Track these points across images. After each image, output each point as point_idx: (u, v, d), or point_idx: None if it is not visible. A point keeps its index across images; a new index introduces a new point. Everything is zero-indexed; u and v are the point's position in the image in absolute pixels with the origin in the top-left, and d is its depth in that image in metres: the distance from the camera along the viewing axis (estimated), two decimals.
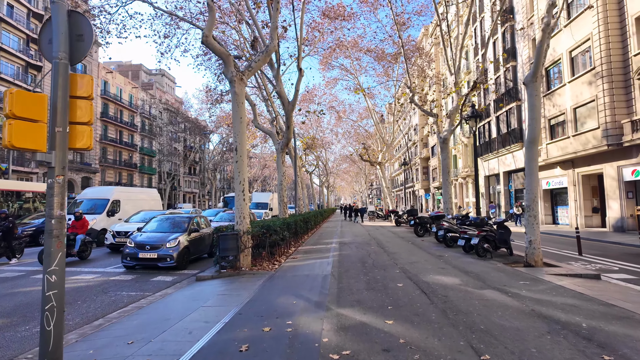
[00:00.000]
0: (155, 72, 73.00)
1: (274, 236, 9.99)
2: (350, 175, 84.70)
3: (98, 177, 49.17)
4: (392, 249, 12.58)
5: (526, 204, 9.15)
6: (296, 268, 9.30)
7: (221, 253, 8.59)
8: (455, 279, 7.46)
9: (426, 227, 16.77)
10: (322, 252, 12.22)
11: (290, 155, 24.24)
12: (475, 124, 12.96)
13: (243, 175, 9.27)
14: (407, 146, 41.86)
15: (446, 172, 15.99)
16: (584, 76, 19.10)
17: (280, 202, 16.09)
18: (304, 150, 33.37)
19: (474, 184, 38.31)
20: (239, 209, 9.18)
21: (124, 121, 55.26)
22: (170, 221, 11.03)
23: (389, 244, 13.93)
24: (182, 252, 9.86)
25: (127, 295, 7.20)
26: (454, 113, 15.76)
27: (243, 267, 9.01)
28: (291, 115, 15.21)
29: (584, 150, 19.10)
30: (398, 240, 15.25)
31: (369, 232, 20.41)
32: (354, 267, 9.03)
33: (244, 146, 9.32)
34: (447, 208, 15.87)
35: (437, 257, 10.56)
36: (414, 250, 12.02)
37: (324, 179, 57.62)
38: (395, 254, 11.18)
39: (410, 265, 9.11)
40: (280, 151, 16.28)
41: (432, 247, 12.70)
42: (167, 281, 8.55)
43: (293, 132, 17.89)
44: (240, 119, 9.29)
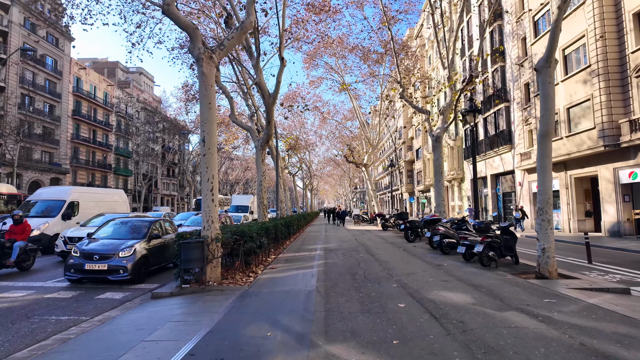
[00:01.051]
0: (132, 70, 70.24)
1: (249, 243, 8.56)
2: (334, 179, 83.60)
3: (69, 178, 46.50)
4: (383, 256, 11.29)
5: (539, 206, 7.99)
6: (275, 281, 7.88)
7: (183, 265, 7.10)
8: (465, 296, 6.19)
9: (417, 232, 15.59)
10: (305, 260, 10.83)
11: (271, 154, 22.81)
12: (473, 118, 11.86)
13: (212, 172, 7.82)
14: (394, 146, 40.84)
15: (439, 172, 14.87)
16: (579, 75, 18.37)
17: (259, 204, 14.64)
18: (287, 150, 31.96)
19: (459, 187, 37.61)
20: (207, 211, 7.72)
21: (98, 120, 52.69)
22: (128, 226, 9.45)
23: (379, 251, 12.64)
24: (139, 262, 8.31)
25: (55, 321, 5.64)
26: (447, 109, 14.68)
27: (210, 280, 7.54)
28: (272, 109, 13.82)
29: (579, 151, 18.34)
30: (388, 247, 13.99)
31: (355, 237, 19.12)
32: (343, 280, 7.68)
33: (213, 137, 7.87)
34: (441, 211, 14.73)
35: (435, 266, 9.31)
36: (408, 259, 10.75)
37: (308, 182, 56.24)
38: (387, 263, 9.89)
39: (408, 278, 7.81)
40: (260, 149, 14.85)
41: (427, 255, 11.47)
42: (116, 299, 7.00)
43: (274, 129, 16.50)
44: (209, 104, 7.85)
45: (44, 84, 43.15)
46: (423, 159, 48.90)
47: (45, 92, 42.95)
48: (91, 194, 16.23)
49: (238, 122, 15.52)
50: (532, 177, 23.78)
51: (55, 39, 45.51)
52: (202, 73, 7.84)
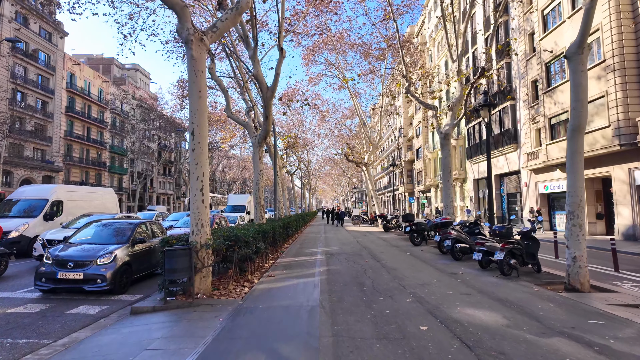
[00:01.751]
0: (128, 67, 69.11)
1: (244, 249, 7.65)
2: (332, 178, 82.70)
3: (62, 176, 45.42)
4: (390, 262, 10.40)
5: (569, 209, 7.12)
6: (272, 293, 6.97)
7: (168, 275, 6.19)
8: (495, 314, 5.31)
9: (423, 235, 14.71)
10: (305, 266, 9.93)
11: (269, 153, 21.91)
12: (488, 113, 10.98)
13: (202, 169, 6.91)
14: (397, 143, 40.01)
15: (447, 171, 14.00)
16: (592, 70, 17.53)
17: (256, 204, 13.74)
18: (285, 149, 31.05)
19: (461, 187, 36.79)
20: (196, 214, 6.81)
21: (93, 117, 51.59)
22: (111, 228, 8.51)
23: (384, 256, 11.75)
24: (120, 270, 7.38)
25: (9, 346, 4.70)
26: (456, 104, 13.80)
27: (199, 292, 6.64)
28: (270, 103, 12.92)
29: (591, 150, 17.50)
30: (393, 251, 13.11)
31: (356, 239, 18.24)
32: (350, 292, 6.78)
33: (203, 129, 6.96)
34: (450, 213, 13.86)
35: (449, 275, 8.43)
36: (418, 265, 9.87)
37: (306, 181, 55.34)
38: (396, 271, 9.00)
39: (423, 290, 6.93)
40: (257, 146, 13.94)
41: (438, 261, 10.59)
42: (90, 315, 6.08)
43: (272, 124, 15.62)
44: (199, 92, 6.93)
45: (36, 80, 42.04)
46: (424, 159, 48.09)
47: (38, 88, 41.85)
48: (77, 193, 15.24)
49: (234, 117, 14.60)
50: (539, 178, 22.97)
51: (48, 34, 44.40)
52: (192, 57, 6.93)
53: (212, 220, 13.36)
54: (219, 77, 14.60)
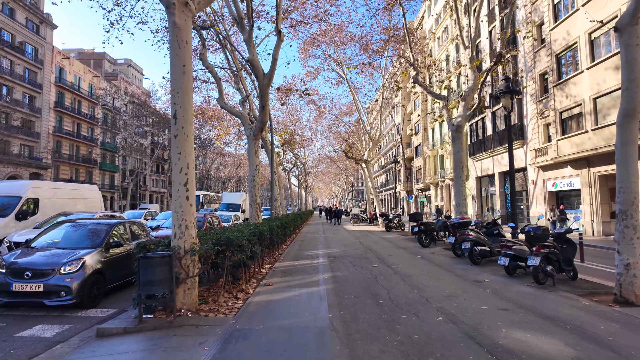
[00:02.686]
0: (120, 62, 67.46)
1: (237, 255, 6.49)
2: (329, 177, 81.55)
3: (50, 173, 43.94)
4: (402, 267, 9.29)
5: (620, 208, 6.05)
6: (271, 308, 5.83)
7: (143, 288, 5.02)
8: (554, 340, 4.21)
9: (432, 236, 13.63)
10: (307, 272, 8.79)
11: (265, 149, 20.73)
12: (510, 101, 9.89)
13: (186, 159, 5.75)
14: (401, 138, 39.16)
15: (459, 167, 12.91)
16: (609, 60, 16.53)
17: (252, 203, 12.57)
18: (282, 145, 29.85)
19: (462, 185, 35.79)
20: (179, 214, 5.65)
21: (83, 113, 50.07)
22: (83, 230, 7.32)
23: (393, 259, 10.64)
24: (90, 280, 6.21)
25: None
26: (469, 94, 12.71)
27: (184, 307, 5.49)
28: (267, 91, 11.73)
29: (607, 146, 16.50)
30: (402, 253, 12.00)
31: (359, 239, 17.13)
32: (364, 307, 5.66)
33: (188, 112, 5.79)
34: (462, 212, 12.77)
35: (474, 284, 7.33)
36: (434, 271, 8.76)
37: (302, 179, 54.18)
38: (412, 278, 7.89)
39: (451, 304, 5.82)
40: (253, 139, 12.77)
41: (455, 266, 9.49)
42: (45, 339, 4.90)
43: (269, 116, 14.45)
44: (183, 67, 5.76)
45: (23, 73, 40.50)
46: (423, 156, 47.11)
47: (25, 82, 40.32)
48: (55, 190, 13.94)
49: (227, 107, 13.41)
50: (548, 175, 21.98)
51: (35, 26, 42.84)
52: (174, 25, 5.75)
53: (202, 220, 12.19)
54: (212, 65, 13.40)
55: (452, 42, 34.81)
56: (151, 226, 13.87)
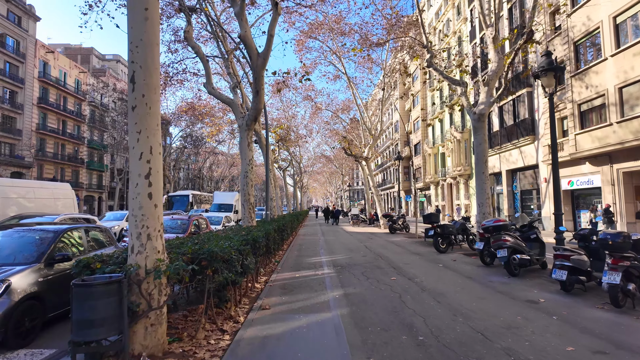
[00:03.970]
0: (109, 58, 65.18)
1: (224, 274, 4.80)
2: (324, 176, 79.92)
3: (34, 172, 41.83)
4: (426, 280, 7.65)
5: None
6: (270, 352, 4.15)
7: (78, 333, 3.34)
8: None
9: (450, 240, 12.01)
10: (312, 288, 7.12)
11: (260, 145, 19.06)
12: (555, 79, 8.31)
13: (149, 142, 4.05)
14: (407, 133, 37.95)
15: (482, 162, 11.31)
16: (637, 46, 15.07)
17: (244, 202, 10.87)
18: (277, 142, 28.15)
19: (466, 184, 34.37)
20: (138, 217, 3.96)
21: (69, 109, 47.95)
22: (19, 238, 5.58)
23: (411, 269, 9.00)
24: (18, 309, 4.48)
25: None
26: (493, 78, 11.13)
27: (145, 351, 3.82)
28: (262, 73, 10.06)
29: (636, 139, 15.04)
30: (418, 261, 10.37)
31: (363, 243, 15.49)
32: (400, 350, 4.01)
33: (152, 75, 4.10)
34: (485, 212, 11.17)
35: (530, 305, 5.72)
36: (468, 286, 7.13)
37: (298, 179, 52.47)
38: (446, 297, 6.26)
39: (520, 341, 4.18)
40: (246, 129, 11.07)
41: (490, 278, 7.87)
42: None
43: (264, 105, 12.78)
44: (145, 10, 4.07)
45: (4, 67, 38.36)
46: (423, 154, 45.67)
47: (5, 76, 38.21)
48: (14, 188, 12.08)
49: (216, 93, 11.69)
50: (563, 173, 20.45)
51: (17, 18, 40.70)
52: None
53: (187, 224, 10.49)
54: (198, 45, 11.69)
55: (454, 35, 33.31)
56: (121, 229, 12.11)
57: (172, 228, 10.14)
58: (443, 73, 12.30)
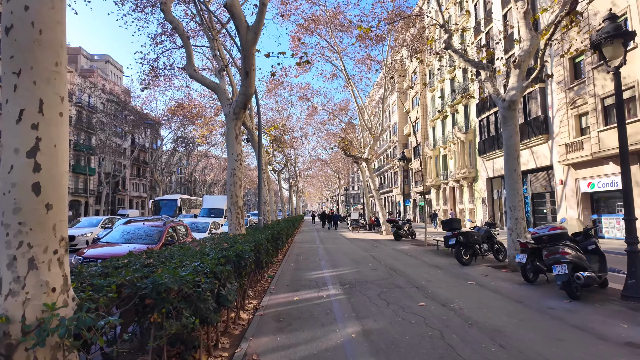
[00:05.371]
0: (98, 58, 63.07)
1: (181, 319, 2.98)
2: (319, 180, 78.01)
3: None
4: (467, 307, 5.85)
5: None
6: None
7: None
8: None
9: (474, 249, 10.24)
10: (317, 321, 5.30)
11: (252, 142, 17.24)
12: (623, 49, 6.60)
13: (41, 90, 2.25)
14: (414, 133, 36.62)
15: (513, 157, 9.58)
16: None
17: (231, 206, 9.01)
18: (271, 142, 26.33)
19: (470, 188, 32.75)
20: (12, 229, 2.15)
21: None
22: None
23: (438, 288, 7.20)
24: None
25: None
26: (526, 59, 9.44)
27: None
28: (252, 51, 8.28)
29: None
30: (442, 276, 8.57)
31: (368, 252, 13.68)
32: None
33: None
34: (518, 218, 9.42)
35: (632, 349, 3.96)
36: (528, 317, 5.34)
37: (293, 182, 50.60)
38: (506, 335, 4.46)
39: None
40: (234, 118, 9.25)
41: (544, 301, 6.10)
42: None
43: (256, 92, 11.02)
44: None
45: None
46: (423, 157, 44.03)
47: None
48: None
49: (198, 76, 9.88)
50: (582, 174, 18.90)
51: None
52: None
53: (161, 232, 8.63)
54: (177, 19, 9.88)
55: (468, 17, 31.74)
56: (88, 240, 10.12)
57: (140, 238, 8.27)
58: (463, 56, 10.59)
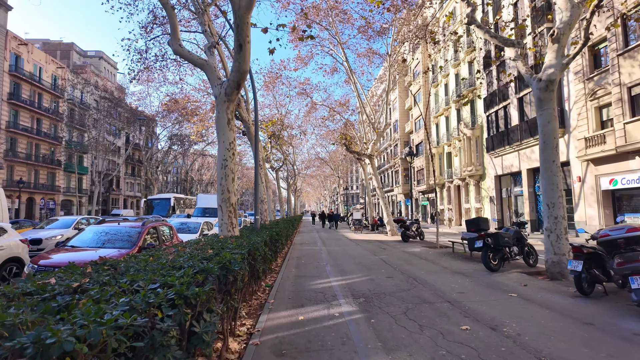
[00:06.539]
0: (91, 54, 61.50)
1: None
2: (317, 180, 76.66)
3: (3, 174, 38.04)
4: (527, 333, 4.47)
5: None
6: None
7: None
8: None
9: (503, 253, 8.89)
10: (332, 356, 3.93)
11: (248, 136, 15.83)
12: None
13: None
14: (425, 130, 35.42)
15: (551, 146, 8.22)
16: None
17: (222, 203, 7.63)
18: (269, 137, 24.95)
19: (477, 186, 31.43)
20: None
21: (44, 107, 44.21)
22: None
23: (480, 305, 5.84)
24: None
25: None
26: (566, 31, 8.10)
27: None
28: (246, 20, 6.91)
29: None
30: (472, 285, 7.21)
31: (377, 255, 12.31)
32: None
33: None
34: (558, 216, 8.04)
35: None
36: (610, 346, 3.99)
37: (291, 182, 49.21)
38: None
39: None
40: (225, 100, 7.86)
41: (620, 322, 4.75)
42: None
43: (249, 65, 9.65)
44: None
45: None
46: (425, 155, 42.70)
47: None
48: None
49: (184, 52, 8.50)
50: (603, 170, 17.61)
51: None
52: None
53: (139, 234, 7.22)
54: None
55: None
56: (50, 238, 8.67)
57: (113, 241, 6.86)
58: (489, 31, 9.24)
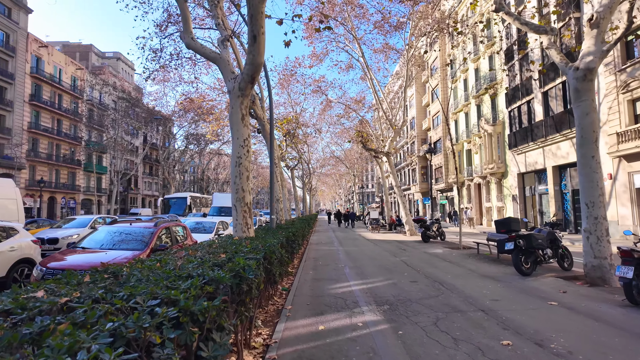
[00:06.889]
0: (109, 55, 62.49)
1: None
2: (332, 179, 76.17)
3: (25, 174, 38.83)
4: (581, 351, 3.95)
5: None
6: None
7: None
8: None
9: (536, 256, 8.27)
10: None
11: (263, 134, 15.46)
12: None
13: None
14: (447, 131, 34.69)
15: (590, 140, 7.56)
16: None
17: (236, 202, 7.26)
18: (284, 135, 24.61)
19: (499, 184, 30.43)
20: None
21: (64, 108, 44.98)
22: None
23: (519, 315, 5.28)
24: None
25: None
26: (606, 15, 7.46)
27: None
28: (260, 9, 6.49)
29: None
30: (505, 292, 6.65)
31: (398, 257, 11.79)
32: None
33: None
34: (598, 217, 7.38)
35: None
36: None
37: (307, 180, 48.87)
38: None
39: None
40: (239, 94, 7.48)
41: None
42: None
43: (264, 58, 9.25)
44: None
45: None
46: (444, 152, 41.76)
47: None
48: None
49: (196, 45, 8.17)
50: (637, 166, 16.64)
51: (7, 9, 37.92)
52: None
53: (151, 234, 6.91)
54: None
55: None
56: (62, 238, 8.42)
57: (124, 242, 6.56)
58: (519, 18, 8.62)
